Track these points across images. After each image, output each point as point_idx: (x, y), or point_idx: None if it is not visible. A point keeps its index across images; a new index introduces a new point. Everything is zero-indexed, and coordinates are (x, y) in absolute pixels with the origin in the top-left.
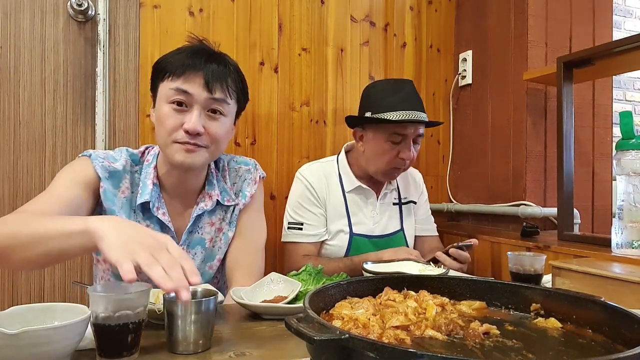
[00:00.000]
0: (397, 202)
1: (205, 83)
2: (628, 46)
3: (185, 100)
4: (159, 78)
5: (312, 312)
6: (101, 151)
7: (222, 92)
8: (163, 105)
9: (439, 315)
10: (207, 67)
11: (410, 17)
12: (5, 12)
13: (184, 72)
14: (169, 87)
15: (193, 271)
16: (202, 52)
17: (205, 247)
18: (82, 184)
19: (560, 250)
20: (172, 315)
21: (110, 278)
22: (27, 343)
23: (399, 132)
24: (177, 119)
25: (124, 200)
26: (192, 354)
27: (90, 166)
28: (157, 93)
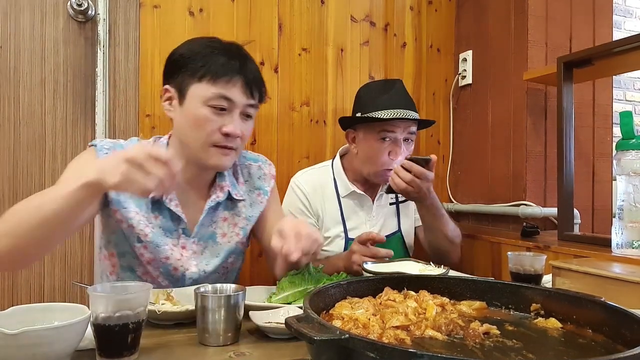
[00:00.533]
0: (394, 202)
1: (245, 89)
2: (628, 46)
3: (226, 105)
4: (189, 76)
5: (312, 312)
6: (109, 140)
7: (257, 97)
8: (199, 107)
9: (439, 315)
10: (245, 71)
11: (410, 17)
12: (5, 12)
13: (225, 77)
14: (210, 91)
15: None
16: (236, 53)
17: (217, 241)
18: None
19: (561, 250)
20: (204, 308)
21: (120, 273)
22: (27, 343)
23: (388, 130)
24: (216, 123)
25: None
26: (215, 346)
27: (94, 156)
28: (187, 91)
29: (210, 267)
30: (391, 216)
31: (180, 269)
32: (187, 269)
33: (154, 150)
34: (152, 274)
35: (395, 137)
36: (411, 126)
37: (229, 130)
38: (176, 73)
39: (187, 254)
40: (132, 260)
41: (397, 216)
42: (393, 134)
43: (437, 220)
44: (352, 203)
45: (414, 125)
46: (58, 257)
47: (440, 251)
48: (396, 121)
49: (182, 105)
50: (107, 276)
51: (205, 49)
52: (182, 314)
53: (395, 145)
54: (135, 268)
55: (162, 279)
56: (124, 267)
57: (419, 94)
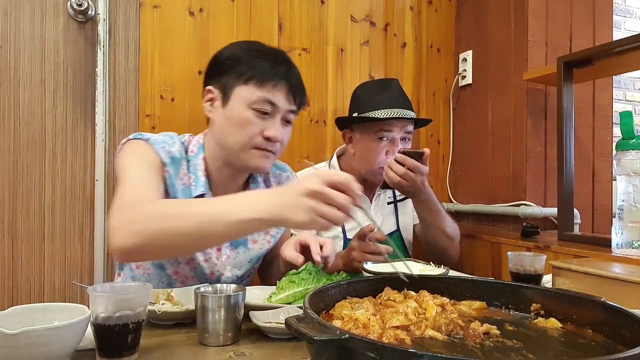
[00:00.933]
0: (392, 201)
1: (289, 95)
2: (628, 46)
3: (269, 110)
4: (235, 78)
5: (312, 312)
6: (151, 134)
7: (299, 104)
8: (243, 110)
9: (439, 316)
10: (290, 77)
11: (411, 17)
12: (5, 12)
13: (271, 81)
14: (255, 94)
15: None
16: (282, 59)
17: (248, 248)
18: (155, 169)
19: (561, 250)
20: (204, 308)
21: (148, 268)
22: (27, 343)
23: (385, 130)
24: (259, 126)
25: (182, 187)
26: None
27: (152, 151)
28: (232, 93)
29: (242, 272)
30: (389, 215)
31: (216, 273)
32: (222, 274)
33: (333, 176)
34: (187, 274)
35: (392, 137)
36: (408, 125)
37: (271, 134)
38: (221, 75)
39: (222, 258)
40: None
41: (396, 215)
42: (390, 134)
43: (434, 216)
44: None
45: (410, 124)
46: (58, 257)
47: (438, 248)
48: (393, 120)
49: (225, 106)
50: (132, 269)
51: (251, 52)
52: (182, 314)
53: (393, 144)
54: (166, 266)
55: (195, 281)
56: (155, 264)
57: (419, 94)
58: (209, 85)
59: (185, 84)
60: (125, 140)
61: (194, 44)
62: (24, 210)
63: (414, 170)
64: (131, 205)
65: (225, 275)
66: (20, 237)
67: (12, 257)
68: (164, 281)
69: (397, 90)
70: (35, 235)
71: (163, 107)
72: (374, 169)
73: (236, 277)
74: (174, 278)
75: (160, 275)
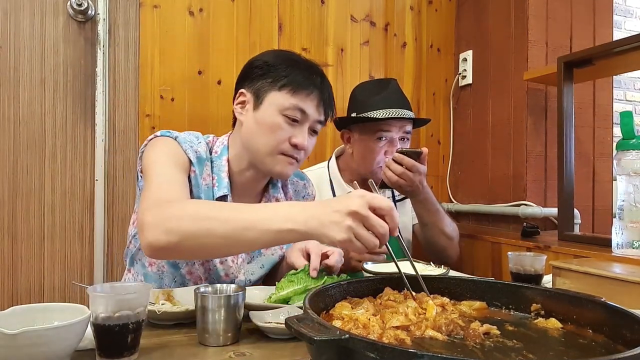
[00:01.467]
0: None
1: (320, 105)
2: (628, 46)
3: (299, 117)
4: (270, 83)
5: (312, 313)
6: (179, 133)
7: (327, 115)
8: (275, 115)
9: (439, 316)
10: (322, 88)
11: (411, 17)
12: (5, 12)
13: (305, 90)
14: (289, 101)
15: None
16: (317, 70)
17: (262, 253)
18: (182, 167)
19: (561, 251)
20: (204, 308)
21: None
22: (27, 343)
23: (384, 130)
24: (288, 132)
25: (205, 188)
26: (215, 346)
27: (180, 149)
28: (265, 98)
29: (255, 277)
30: None
31: (231, 276)
32: (237, 277)
33: (377, 200)
34: (201, 275)
35: (390, 137)
36: (406, 125)
37: (298, 141)
38: (256, 79)
39: (238, 261)
40: None
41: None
42: (389, 134)
43: (433, 215)
44: None
45: (409, 124)
46: (58, 257)
47: (437, 248)
48: (391, 120)
49: (256, 110)
50: (144, 266)
51: (288, 60)
52: (182, 314)
53: (391, 144)
54: (180, 265)
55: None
56: (170, 262)
57: (419, 94)
58: (242, 88)
59: (185, 84)
60: (152, 136)
61: (194, 44)
62: (24, 210)
63: (411, 170)
64: (166, 202)
65: (239, 278)
66: (20, 237)
67: (12, 257)
68: (177, 280)
69: (396, 90)
70: (35, 235)
71: (163, 107)
72: (372, 169)
73: (249, 281)
74: (187, 278)
75: (174, 275)
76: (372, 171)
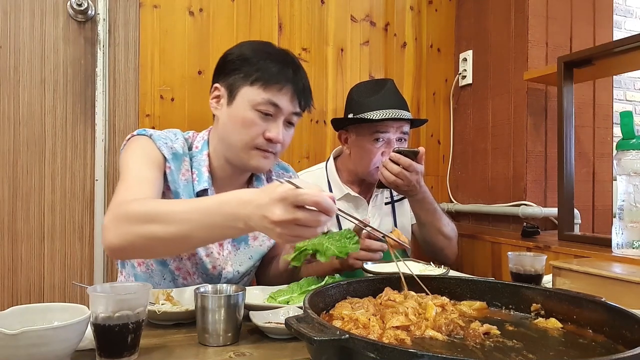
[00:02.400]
0: (389, 201)
1: (294, 98)
2: (628, 46)
3: (273, 112)
4: (242, 78)
5: (312, 313)
6: (155, 130)
7: (303, 107)
8: (248, 110)
9: (439, 316)
10: (296, 81)
11: (411, 17)
12: (5, 12)
13: (277, 84)
14: (261, 96)
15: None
16: (290, 61)
17: (248, 244)
18: (155, 165)
19: (561, 251)
20: (204, 308)
21: (150, 264)
22: (27, 343)
23: (381, 131)
24: (261, 127)
25: (185, 183)
26: (215, 346)
27: (154, 146)
28: (238, 93)
29: (243, 268)
30: (387, 215)
31: (218, 268)
32: (224, 269)
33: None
34: (189, 269)
35: (388, 137)
36: (404, 126)
37: (272, 136)
38: (229, 74)
39: (224, 253)
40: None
41: (393, 215)
42: (386, 135)
43: (430, 215)
44: (346, 205)
45: (406, 124)
46: (58, 257)
47: (435, 247)
48: (388, 121)
49: (230, 105)
50: (134, 266)
51: (260, 54)
52: (182, 314)
53: (389, 145)
54: (168, 262)
55: (197, 277)
56: (157, 260)
57: (419, 94)
58: (217, 82)
59: (185, 83)
60: (129, 136)
61: (194, 44)
62: (24, 210)
63: (408, 169)
64: (121, 205)
65: (227, 270)
66: (20, 237)
67: (12, 257)
68: (166, 277)
69: (392, 91)
70: (35, 235)
71: (163, 107)
72: (370, 169)
73: (237, 272)
74: (176, 274)
75: (163, 272)
76: (369, 172)
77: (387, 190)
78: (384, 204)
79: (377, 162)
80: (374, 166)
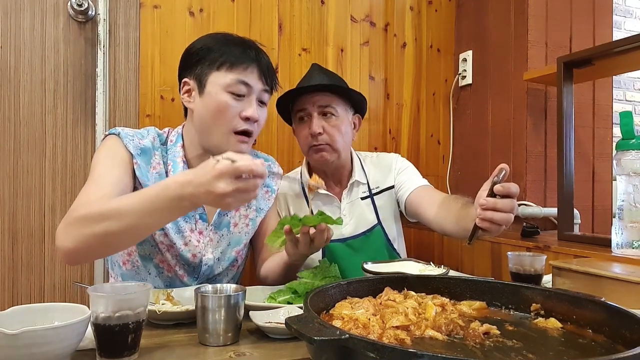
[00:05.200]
0: (368, 195)
1: (261, 75)
2: (628, 46)
3: (244, 91)
4: (208, 66)
5: (312, 313)
6: (129, 129)
7: (271, 84)
8: (220, 94)
9: (439, 316)
10: (260, 59)
11: (410, 17)
12: (5, 12)
13: (242, 64)
14: (229, 78)
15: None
16: (251, 44)
17: (230, 231)
18: (120, 163)
19: (561, 251)
20: (204, 308)
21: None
22: (27, 343)
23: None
24: (236, 108)
25: (156, 176)
26: (215, 346)
27: (121, 145)
28: (207, 81)
29: (224, 255)
30: (366, 210)
31: (198, 255)
32: (204, 255)
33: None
34: (170, 262)
35: (308, 113)
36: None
37: (249, 114)
38: (194, 66)
39: (205, 240)
40: (151, 248)
41: (374, 209)
42: (304, 112)
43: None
44: (320, 205)
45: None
46: (58, 257)
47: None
48: (302, 97)
49: (202, 95)
50: (120, 266)
51: (221, 41)
52: (182, 314)
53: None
54: (153, 256)
55: (179, 268)
56: (142, 256)
57: (419, 94)
58: (184, 77)
59: None
60: (103, 136)
61: None
62: (24, 210)
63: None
64: (71, 213)
65: (207, 257)
66: (20, 237)
67: (12, 257)
68: (151, 272)
69: (315, 70)
70: (35, 235)
71: (163, 107)
72: (307, 154)
73: (217, 259)
74: (161, 267)
75: (147, 267)
76: (310, 157)
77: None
78: (360, 198)
79: (310, 143)
80: (308, 148)
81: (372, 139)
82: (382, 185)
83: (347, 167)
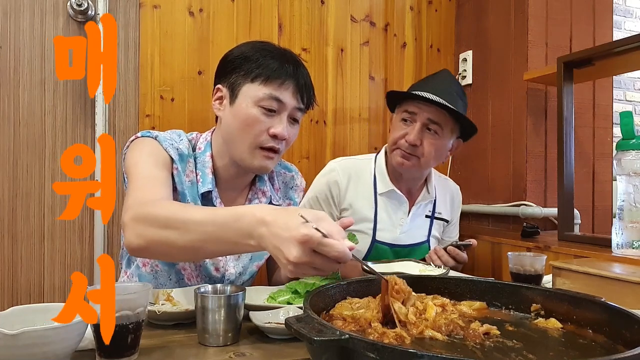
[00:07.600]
0: (430, 215)
1: (296, 92)
2: (628, 46)
3: (276, 107)
4: (243, 76)
5: (312, 313)
6: (159, 132)
7: (306, 102)
8: (250, 107)
9: (439, 316)
10: (297, 75)
11: (410, 17)
12: (5, 12)
13: (278, 79)
14: (262, 92)
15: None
16: (290, 58)
17: None
18: (164, 165)
19: (561, 251)
20: (204, 309)
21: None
22: (27, 343)
23: (408, 111)
24: (265, 123)
25: (189, 185)
26: (215, 347)
27: (161, 148)
28: (239, 91)
29: (247, 269)
30: (423, 226)
31: (221, 270)
32: (227, 270)
33: (325, 250)
34: (191, 271)
35: (413, 119)
36: (433, 114)
37: (277, 131)
38: (230, 74)
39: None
40: None
41: (429, 228)
42: (414, 116)
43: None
44: (387, 202)
45: (438, 114)
46: (58, 257)
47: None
48: (420, 103)
49: (232, 104)
50: (139, 267)
51: (260, 52)
52: (182, 314)
53: (412, 129)
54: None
55: (200, 279)
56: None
57: None
58: (219, 84)
59: (185, 84)
60: (133, 137)
61: (194, 44)
62: (24, 210)
63: (461, 262)
64: (143, 204)
65: (229, 272)
66: (20, 237)
67: (12, 257)
68: (172, 278)
69: (442, 78)
70: (35, 235)
71: (163, 107)
72: (392, 150)
73: (239, 273)
74: (182, 274)
75: (169, 272)
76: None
77: (432, 203)
78: (425, 215)
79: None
80: (396, 147)
81: (372, 139)
82: (443, 214)
83: (422, 180)
